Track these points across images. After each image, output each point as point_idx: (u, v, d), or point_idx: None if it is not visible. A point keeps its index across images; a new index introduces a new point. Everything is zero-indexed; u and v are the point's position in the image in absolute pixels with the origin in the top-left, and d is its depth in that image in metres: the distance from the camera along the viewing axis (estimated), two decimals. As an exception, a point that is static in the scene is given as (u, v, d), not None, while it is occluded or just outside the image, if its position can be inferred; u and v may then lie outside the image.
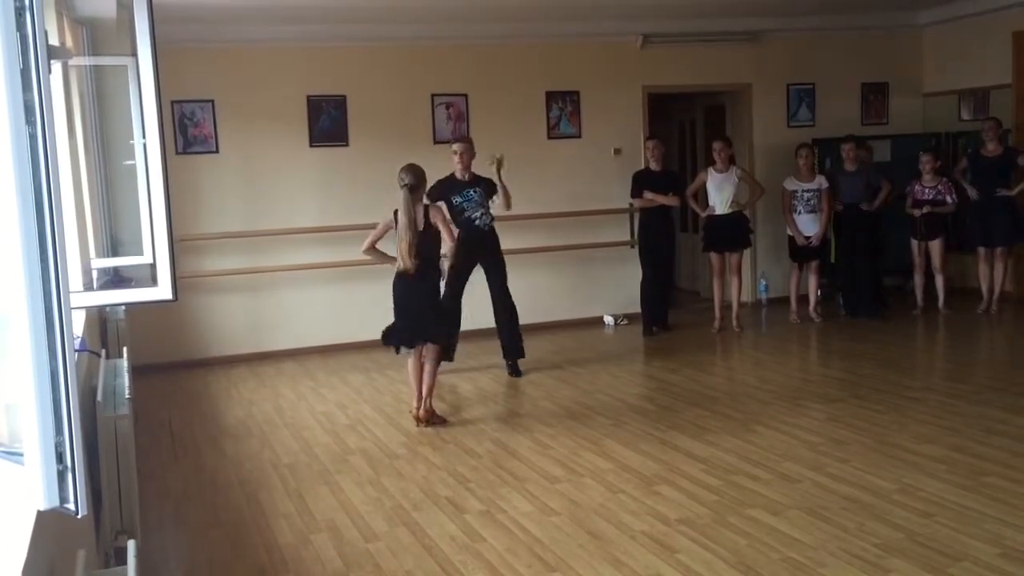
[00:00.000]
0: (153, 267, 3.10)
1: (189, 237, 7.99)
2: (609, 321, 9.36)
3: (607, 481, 4.84)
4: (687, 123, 10.91)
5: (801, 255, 8.92)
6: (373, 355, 8.20)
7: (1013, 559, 3.66)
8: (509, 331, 7.42)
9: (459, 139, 7.44)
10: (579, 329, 9.16)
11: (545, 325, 9.03)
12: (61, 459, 1.42)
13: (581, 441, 5.57)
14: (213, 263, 8.33)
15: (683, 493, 4.59)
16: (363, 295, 8.38)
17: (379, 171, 8.03)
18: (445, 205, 6.98)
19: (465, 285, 7.27)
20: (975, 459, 4.87)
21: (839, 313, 9.10)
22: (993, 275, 8.78)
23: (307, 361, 8.32)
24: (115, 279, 5.25)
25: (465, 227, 6.98)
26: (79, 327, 4.29)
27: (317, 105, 8.58)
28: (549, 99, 9.24)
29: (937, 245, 8.76)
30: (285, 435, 6.06)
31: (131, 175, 4.36)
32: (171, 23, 7.18)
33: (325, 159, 8.63)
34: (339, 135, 8.64)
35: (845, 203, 8.78)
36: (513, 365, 7.42)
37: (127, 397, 3.84)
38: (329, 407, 6.73)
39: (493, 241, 7.27)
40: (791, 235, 8.91)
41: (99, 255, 5.70)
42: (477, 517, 4.44)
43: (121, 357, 4.86)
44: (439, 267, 6.15)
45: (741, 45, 9.67)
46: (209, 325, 8.44)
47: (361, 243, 6.20)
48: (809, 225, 8.78)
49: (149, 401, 6.91)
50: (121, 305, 5.72)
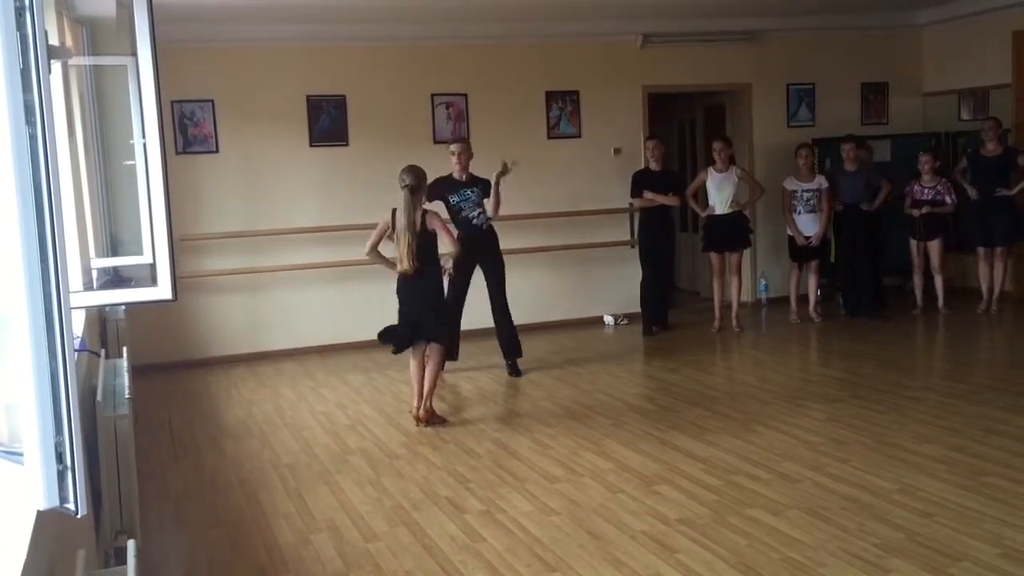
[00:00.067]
0: (153, 267, 3.10)
1: (189, 237, 7.99)
2: (609, 321, 9.36)
3: (607, 481, 4.84)
4: (687, 123, 10.91)
5: (801, 255, 8.92)
6: (373, 355, 8.20)
7: (1013, 559, 3.66)
8: (507, 331, 7.42)
9: (457, 140, 7.48)
10: (579, 329, 9.16)
11: (545, 325, 9.04)
12: (61, 459, 1.42)
13: (581, 441, 5.57)
14: (213, 263, 8.33)
15: (683, 493, 4.59)
16: (363, 295, 8.40)
17: (379, 171, 8.03)
18: (442, 204, 7.01)
19: (468, 286, 7.27)
20: (975, 459, 4.87)
21: (839, 313, 9.10)
22: (993, 275, 8.78)
23: (307, 361, 8.32)
24: (115, 279, 5.25)
25: (463, 226, 7.01)
26: (79, 327, 4.29)
27: (317, 105, 8.58)
28: (549, 99, 9.24)
29: (936, 245, 8.76)
30: (285, 435, 6.06)
31: (131, 175, 4.36)
32: (171, 23, 7.18)
33: (325, 159, 8.63)
34: (339, 135, 8.64)
35: (845, 203, 8.78)
36: (513, 365, 7.43)
37: (127, 397, 3.83)
38: (329, 407, 6.73)
39: (492, 241, 7.28)
40: (791, 235, 8.91)
41: (99, 255, 5.70)
42: (477, 517, 4.44)
43: (121, 357, 4.86)
44: (439, 264, 6.16)
45: (741, 45, 9.67)
46: (209, 325, 8.44)
47: (361, 243, 6.23)
48: (809, 225, 8.78)
49: (149, 401, 6.91)
50: (121, 305, 5.72)
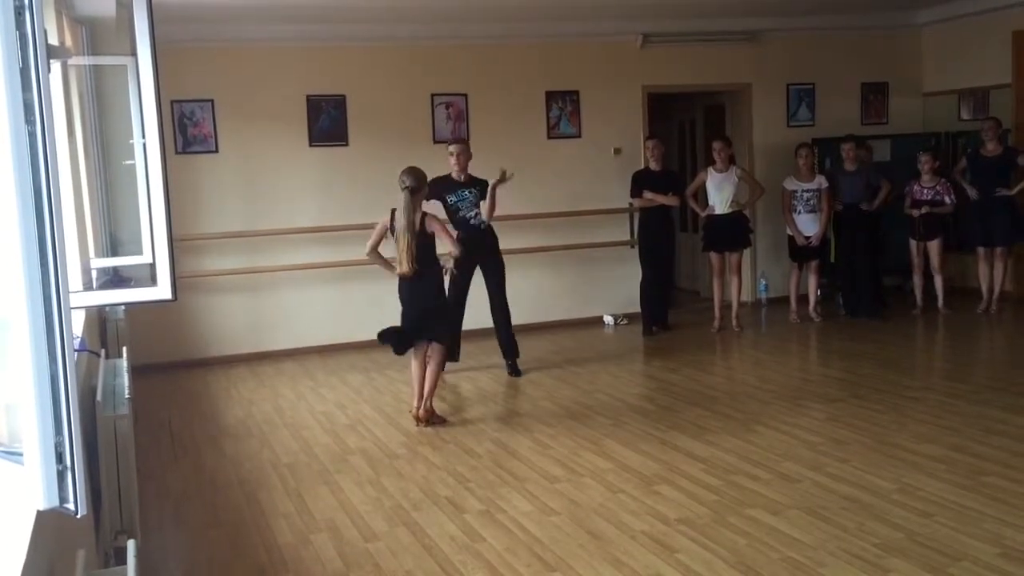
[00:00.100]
0: (153, 267, 3.10)
1: (189, 237, 7.99)
2: (609, 321, 9.36)
3: (607, 481, 4.84)
4: (687, 123, 10.91)
5: (801, 255, 8.92)
6: (373, 355, 8.20)
7: (1013, 559, 3.66)
8: (507, 331, 7.42)
9: (456, 140, 7.46)
10: (579, 329, 9.16)
11: (545, 325, 9.04)
12: (61, 459, 1.42)
13: (581, 441, 5.57)
14: (213, 263, 8.33)
15: (683, 493, 4.59)
16: (363, 295, 8.40)
17: (379, 171, 8.04)
18: (440, 204, 7.02)
19: (469, 285, 7.27)
20: (975, 459, 4.87)
21: (839, 313, 9.10)
22: (993, 275, 8.78)
23: (307, 361, 8.32)
24: (115, 279, 5.25)
25: (461, 226, 7.01)
26: (79, 327, 4.29)
27: (317, 105, 8.57)
28: (549, 99, 9.24)
29: (936, 245, 8.76)
30: (285, 435, 6.06)
31: (131, 175, 4.36)
32: (171, 23, 7.18)
33: (325, 159, 8.63)
34: (339, 135, 8.64)
35: (845, 203, 8.78)
36: (513, 365, 7.43)
37: (127, 397, 3.83)
38: (329, 407, 6.73)
39: (492, 241, 7.28)
40: (791, 235, 8.91)
41: (99, 255, 5.70)
42: (477, 517, 4.44)
43: (121, 357, 4.86)
44: (439, 265, 6.16)
45: (741, 45, 9.67)
46: (209, 325, 8.44)
47: (361, 243, 6.23)
48: (809, 225, 8.78)
49: (149, 401, 6.91)
50: (121, 305, 5.72)
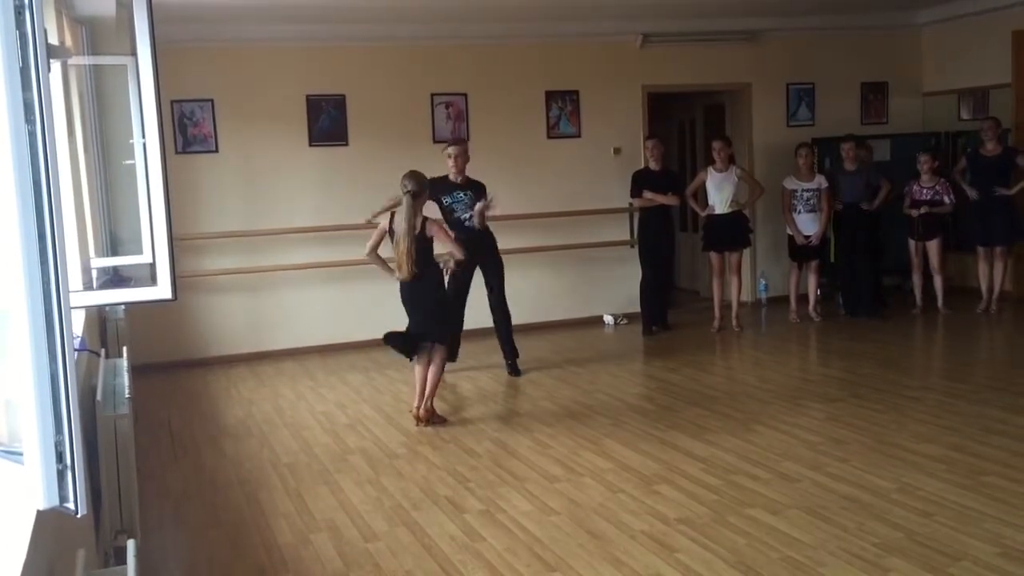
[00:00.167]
0: (153, 266, 3.10)
1: (189, 236, 7.99)
2: (609, 321, 9.36)
3: (607, 481, 4.84)
4: (687, 123, 10.91)
5: (801, 254, 8.92)
6: (373, 355, 8.20)
7: (1013, 558, 3.66)
8: (507, 331, 7.42)
9: (454, 142, 7.41)
10: (579, 329, 9.16)
11: (545, 325, 9.04)
12: (61, 458, 1.42)
13: (581, 441, 5.57)
14: (213, 262, 8.33)
15: (683, 493, 4.59)
16: (363, 295, 8.40)
17: (379, 171, 8.03)
18: (435, 205, 7.01)
19: (469, 285, 7.27)
20: (974, 458, 4.87)
21: (839, 312, 9.10)
22: (992, 274, 8.78)
23: (307, 361, 8.32)
24: (115, 278, 5.25)
25: (457, 228, 6.98)
26: (79, 326, 4.29)
27: (316, 105, 8.57)
28: (549, 99, 9.24)
29: (935, 245, 8.75)
30: (285, 435, 6.06)
31: (131, 174, 4.36)
32: (171, 23, 7.18)
33: (324, 159, 8.63)
34: (339, 135, 8.64)
35: (845, 202, 8.78)
36: (512, 364, 7.43)
37: (127, 397, 3.84)
38: (329, 407, 6.73)
39: (491, 242, 7.27)
40: (791, 234, 8.91)
41: (99, 254, 5.70)
42: (477, 517, 4.44)
43: (121, 356, 4.86)
44: (438, 266, 6.15)
45: (740, 45, 9.67)
46: (209, 325, 8.44)
47: (360, 243, 6.23)
48: (809, 224, 8.78)
49: (149, 401, 6.91)
50: (121, 304, 5.72)
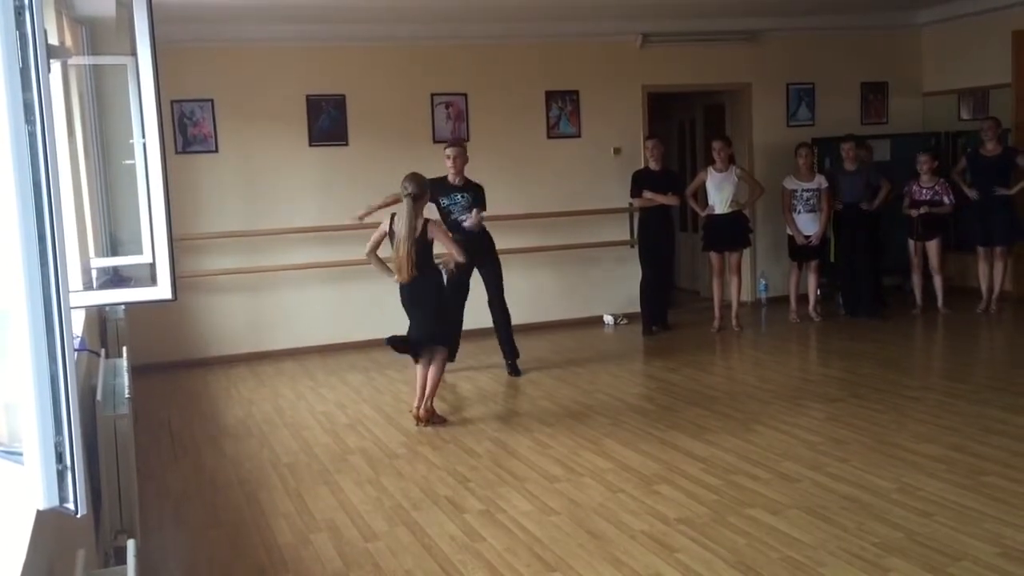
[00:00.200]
0: (152, 266, 3.10)
1: (188, 236, 7.99)
2: (609, 321, 9.36)
3: (607, 480, 4.84)
4: (687, 122, 10.91)
5: (801, 254, 8.92)
6: (372, 355, 8.20)
7: (1013, 558, 3.67)
8: (506, 332, 7.41)
9: (453, 143, 7.35)
10: (579, 329, 9.16)
11: (545, 325, 9.04)
12: (61, 459, 1.42)
13: (581, 440, 5.57)
14: (213, 263, 8.33)
15: (683, 493, 4.59)
16: (362, 295, 8.40)
17: (379, 171, 8.04)
18: (434, 206, 7.00)
19: (468, 286, 7.26)
20: (974, 458, 4.87)
21: (839, 312, 9.10)
22: (992, 274, 8.78)
23: (306, 361, 8.32)
24: (115, 278, 5.25)
25: (454, 229, 6.96)
26: (79, 326, 4.29)
27: (316, 104, 8.57)
28: (549, 99, 9.24)
29: (934, 245, 8.75)
30: (285, 435, 6.06)
31: (130, 174, 4.36)
32: (171, 23, 7.18)
33: (324, 159, 8.63)
34: (339, 135, 8.64)
35: (845, 202, 8.78)
36: (512, 364, 7.43)
37: (127, 397, 3.83)
38: (329, 407, 6.73)
39: (489, 243, 7.27)
40: (791, 234, 8.91)
41: (99, 254, 5.70)
42: (477, 516, 4.44)
43: (121, 356, 4.86)
44: (437, 267, 6.14)
45: (740, 45, 9.67)
46: (208, 325, 8.44)
47: (360, 243, 6.23)
48: (809, 224, 8.78)
49: (149, 401, 6.91)
50: (121, 304, 5.72)
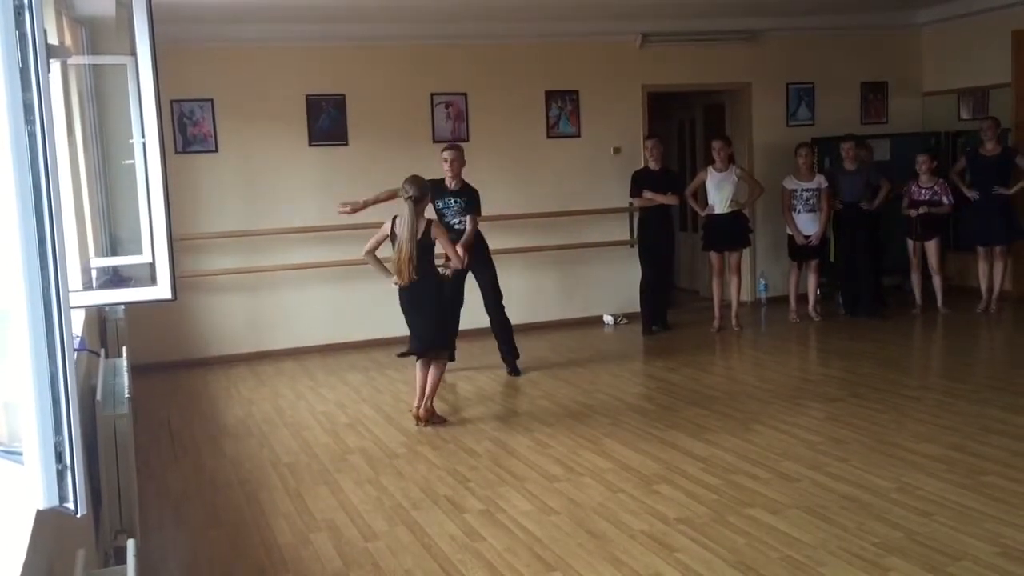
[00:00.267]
0: (152, 266, 3.10)
1: (188, 236, 7.99)
2: (609, 320, 9.36)
3: (606, 480, 4.84)
4: (686, 122, 10.91)
5: (800, 254, 8.92)
6: (372, 354, 8.20)
7: (1012, 558, 3.67)
8: (505, 332, 7.41)
9: (450, 147, 7.26)
10: (578, 328, 9.16)
11: (544, 325, 9.04)
12: (60, 458, 1.42)
13: (580, 440, 5.57)
14: (212, 262, 8.33)
15: (682, 492, 4.59)
16: (362, 295, 8.40)
17: (379, 171, 8.03)
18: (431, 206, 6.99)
19: (463, 288, 7.24)
20: (974, 458, 4.87)
21: (838, 312, 9.10)
22: (992, 274, 8.78)
23: (306, 360, 8.32)
24: (114, 278, 5.26)
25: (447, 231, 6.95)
26: (78, 326, 4.29)
27: (316, 104, 8.57)
28: (548, 98, 9.24)
29: (933, 245, 8.75)
30: (285, 435, 6.06)
31: (130, 174, 4.36)
32: (171, 23, 7.17)
33: (324, 158, 8.63)
34: (338, 134, 8.64)
35: (845, 202, 8.78)
36: (512, 364, 7.43)
37: (126, 396, 3.84)
38: (329, 406, 6.73)
39: (482, 247, 7.25)
40: (790, 234, 8.91)
41: (98, 254, 5.70)
42: (476, 516, 4.44)
43: (120, 356, 4.86)
44: (438, 271, 6.11)
45: (740, 44, 9.66)
46: (208, 324, 8.44)
47: (360, 243, 6.21)
48: (808, 224, 8.78)
49: (148, 400, 6.91)
50: (120, 304, 5.72)
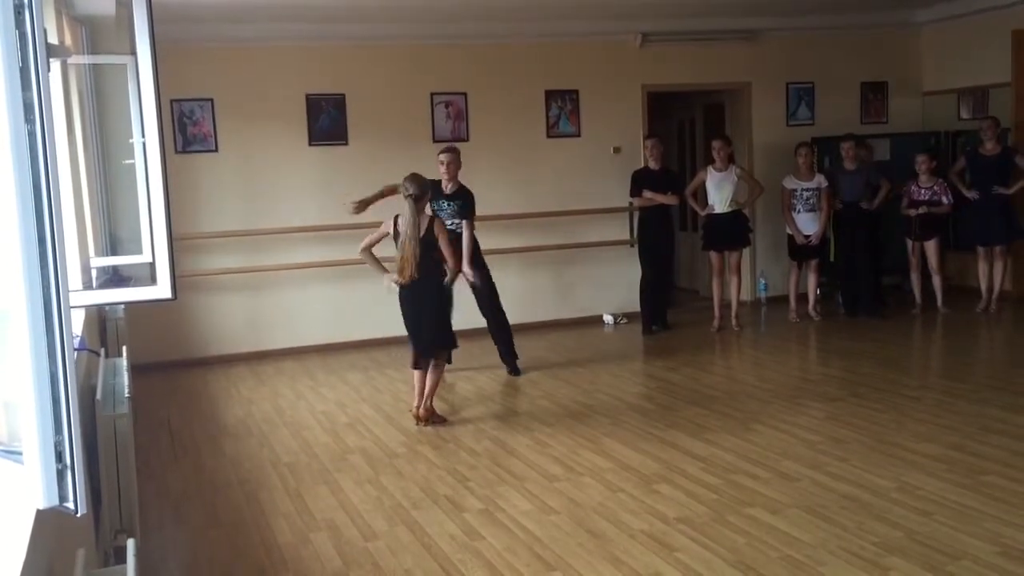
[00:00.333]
0: (152, 266, 3.10)
1: (188, 236, 7.98)
2: (608, 320, 9.36)
3: (606, 480, 4.84)
4: (686, 122, 10.91)
5: (800, 254, 8.92)
6: (372, 354, 8.21)
7: (1012, 557, 3.67)
8: (501, 335, 7.40)
9: (447, 149, 7.23)
10: (578, 328, 9.16)
11: (544, 324, 9.04)
12: (60, 458, 1.42)
13: (580, 440, 5.57)
14: (212, 262, 8.33)
15: (682, 492, 4.59)
16: (362, 294, 8.39)
17: (379, 170, 7.99)
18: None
19: (452, 292, 7.18)
20: (974, 458, 4.87)
21: (838, 312, 9.10)
22: (992, 274, 8.78)
23: (306, 360, 8.32)
24: (114, 278, 5.26)
25: None
26: (78, 326, 4.29)
27: (316, 104, 8.57)
28: (548, 98, 9.23)
29: (932, 245, 8.75)
30: (284, 434, 6.06)
31: (130, 174, 4.36)
32: (170, 22, 7.18)
33: (324, 158, 8.63)
34: (338, 134, 8.63)
35: (845, 202, 8.78)
36: (512, 364, 7.42)
37: (126, 396, 3.83)
38: (328, 406, 6.73)
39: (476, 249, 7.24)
40: (790, 234, 8.91)
41: (98, 254, 5.70)
42: (476, 516, 4.44)
43: (120, 356, 4.86)
44: (442, 272, 6.08)
45: (740, 44, 9.66)
46: (208, 324, 8.44)
47: (360, 242, 6.19)
48: (808, 224, 8.78)
49: (148, 400, 6.91)
50: (120, 304, 5.72)
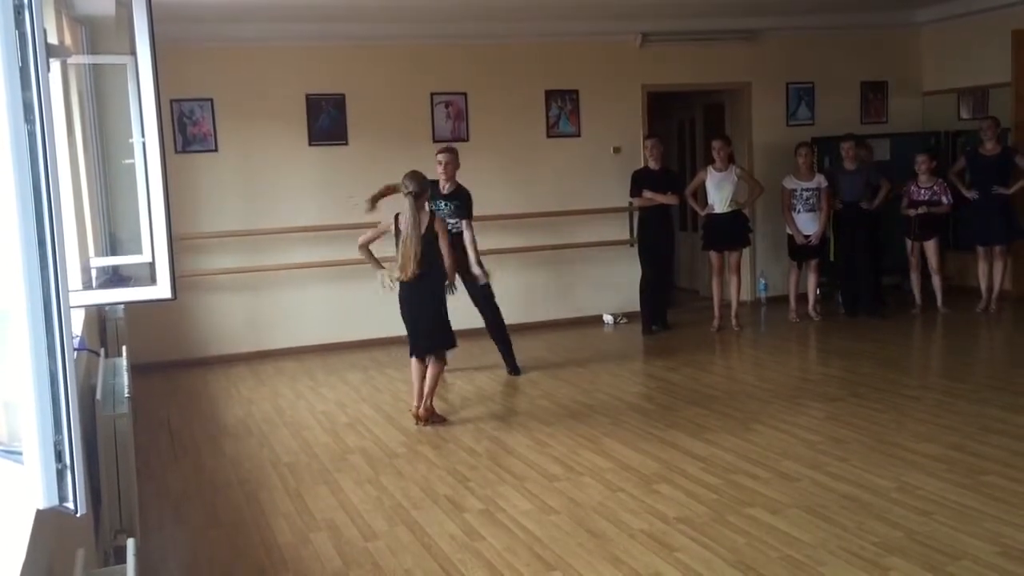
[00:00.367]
0: (152, 266, 3.10)
1: (188, 236, 7.98)
2: (608, 320, 9.36)
3: (606, 480, 4.84)
4: (686, 122, 10.91)
5: (800, 254, 8.92)
6: (372, 354, 8.21)
7: (1012, 557, 3.67)
8: (499, 335, 7.41)
9: (444, 149, 7.22)
10: (578, 328, 9.16)
11: (544, 324, 9.04)
12: (60, 458, 1.42)
13: (580, 440, 5.57)
14: (212, 262, 8.33)
15: (682, 492, 4.59)
16: (362, 294, 8.36)
17: (379, 170, 7.99)
18: None
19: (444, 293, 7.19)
20: (974, 458, 4.87)
21: (838, 312, 9.10)
22: (992, 274, 8.78)
23: (306, 360, 8.32)
24: (114, 278, 5.26)
25: None
26: (78, 326, 4.29)
27: (316, 104, 8.57)
28: (548, 98, 9.24)
29: (932, 245, 8.75)
30: (284, 434, 6.06)
31: (130, 174, 4.36)
32: (170, 22, 7.18)
33: (324, 158, 8.63)
34: (338, 134, 8.64)
35: (845, 202, 8.78)
36: (512, 363, 7.42)
37: (126, 396, 3.83)
38: (328, 406, 6.73)
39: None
40: (790, 234, 8.91)
41: (98, 254, 5.70)
42: (476, 516, 4.44)
43: (120, 356, 4.86)
44: (443, 271, 6.08)
45: (740, 44, 9.66)
46: (208, 324, 8.44)
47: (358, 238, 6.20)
48: (808, 224, 8.78)
49: (148, 400, 6.91)
50: (120, 304, 5.72)
